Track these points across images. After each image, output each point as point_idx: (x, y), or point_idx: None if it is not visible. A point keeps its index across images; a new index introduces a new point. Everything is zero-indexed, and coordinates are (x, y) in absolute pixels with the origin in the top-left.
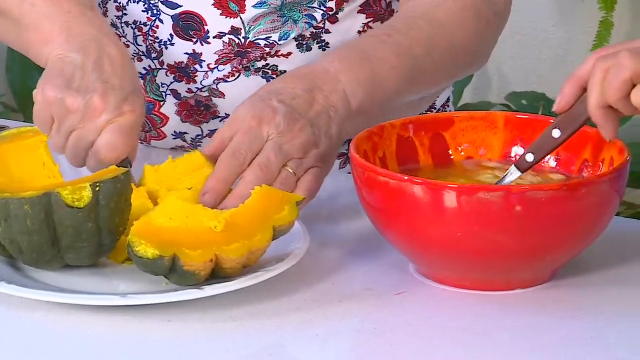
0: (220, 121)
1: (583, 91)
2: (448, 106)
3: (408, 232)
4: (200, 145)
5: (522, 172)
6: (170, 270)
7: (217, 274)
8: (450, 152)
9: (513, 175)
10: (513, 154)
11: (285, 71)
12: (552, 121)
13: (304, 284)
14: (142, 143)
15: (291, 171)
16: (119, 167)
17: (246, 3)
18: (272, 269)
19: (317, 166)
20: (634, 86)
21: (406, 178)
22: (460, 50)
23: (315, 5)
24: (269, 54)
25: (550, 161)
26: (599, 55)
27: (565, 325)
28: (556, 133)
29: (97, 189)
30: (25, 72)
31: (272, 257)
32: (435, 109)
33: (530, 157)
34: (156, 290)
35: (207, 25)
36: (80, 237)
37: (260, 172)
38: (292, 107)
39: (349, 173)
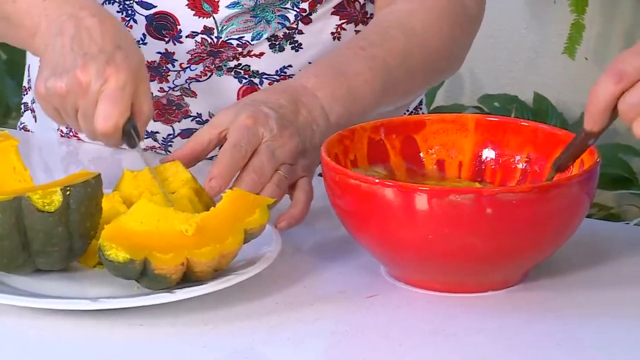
0: (192, 120)
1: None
2: (421, 108)
3: (379, 234)
4: (171, 145)
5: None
6: (141, 274)
7: (188, 278)
8: (421, 154)
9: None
10: (484, 157)
11: (258, 71)
12: (524, 123)
13: (276, 287)
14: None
15: (283, 175)
16: (125, 131)
17: (219, 3)
18: (244, 272)
19: (305, 175)
20: None
21: (377, 181)
22: (435, 58)
23: (288, 6)
24: (241, 53)
25: (520, 163)
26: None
27: (536, 327)
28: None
29: (68, 192)
30: None
31: (243, 260)
32: (408, 111)
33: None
34: (127, 294)
35: (180, 24)
36: (50, 241)
37: (255, 175)
38: (280, 114)
39: (320, 175)
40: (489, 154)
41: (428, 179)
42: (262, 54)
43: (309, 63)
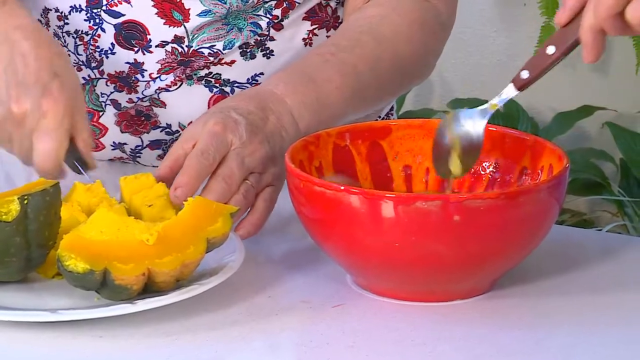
0: (161, 131)
1: (583, 5)
2: (392, 114)
3: (345, 242)
4: (139, 156)
5: (519, 89)
6: (102, 285)
7: (149, 288)
8: (388, 160)
9: (510, 92)
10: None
11: (229, 79)
12: (492, 129)
13: (239, 297)
14: None
15: (250, 184)
16: (68, 162)
17: (190, 12)
18: (206, 282)
19: (273, 184)
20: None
21: (342, 188)
22: (406, 64)
23: (261, 13)
24: (212, 62)
25: (490, 167)
26: None
27: (505, 336)
28: (550, 49)
29: (25, 201)
30: None
31: (206, 270)
32: (380, 117)
33: (525, 74)
34: (87, 305)
35: (149, 34)
36: (8, 251)
37: (224, 183)
38: (250, 121)
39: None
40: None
41: (395, 186)
42: (233, 62)
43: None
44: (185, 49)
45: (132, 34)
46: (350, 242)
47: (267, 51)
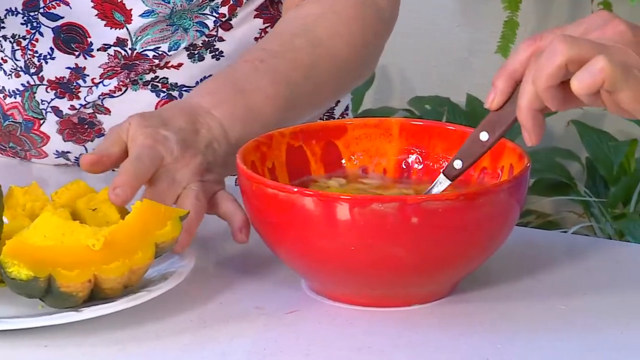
0: None
1: (517, 85)
2: (347, 114)
3: (299, 246)
4: None
5: (452, 180)
6: (46, 292)
7: (96, 295)
8: (344, 161)
9: (442, 184)
10: (409, 163)
11: (176, 83)
12: (451, 127)
13: (189, 304)
14: (22, 159)
15: (197, 188)
16: None
17: (132, 12)
18: (155, 289)
19: (221, 188)
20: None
21: (296, 190)
22: (344, 67)
23: (207, 11)
24: (157, 65)
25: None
26: (530, 44)
27: (465, 342)
28: (484, 136)
29: None
30: None
31: (155, 276)
32: (334, 118)
33: (458, 164)
34: (31, 314)
35: (90, 37)
36: None
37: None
38: (181, 137)
39: (237, 185)
40: (414, 160)
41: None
42: (180, 64)
43: None
44: (129, 51)
45: (71, 37)
46: (305, 246)
47: (216, 52)
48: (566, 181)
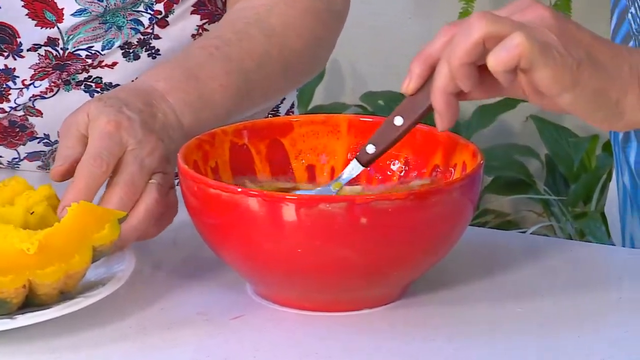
0: (39, 142)
1: (433, 70)
2: (293, 112)
3: (244, 249)
4: (18, 167)
5: (364, 165)
6: None
7: (31, 302)
8: (290, 159)
9: (354, 170)
10: None
11: (111, 83)
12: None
13: (129, 309)
14: None
15: (158, 182)
16: None
17: (64, 11)
18: (93, 295)
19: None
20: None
21: (240, 190)
22: (296, 60)
23: (142, 8)
24: (91, 65)
25: (399, 166)
26: (449, 29)
27: (417, 347)
28: (398, 120)
29: None
30: None
31: (92, 281)
32: (279, 115)
33: (371, 149)
34: None
35: (19, 37)
36: None
37: (125, 191)
38: (143, 119)
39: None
40: None
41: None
42: (114, 64)
43: None
44: (60, 51)
45: (0, 38)
46: (250, 249)
47: (153, 51)
48: (525, 179)
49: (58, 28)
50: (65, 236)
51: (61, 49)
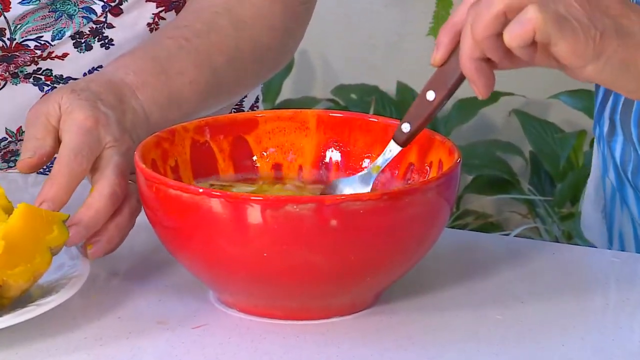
0: None
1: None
2: (257, 107)
3: (206, 254)
4: None
5: (402, 145)
6: None
7: None
8: (255, 158)
9: (393, 151)
10: (327, 159)
11: (62, 75)
12: (373, 119)
13: (84, 318)
14: None
15: (134, 183)
16: None
17: None
18: (45, 302)
19: None
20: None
21: (201, 190)
22: (265, 54)
23: None
24: (40, 56)
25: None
26: None
27: (391, 357)
28: (430, 95)
29: None
30: None
31: (44, 287)
32: (243, 110)
33: (406, 127)
34: None
35: None
36: None
37: (112, 190)
38: (116, 116)
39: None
40: (333, 155)
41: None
42: (65, 55)
43: None
44: (7, 42)
45: None
46: (212, 253)
47: (106, 41)
48: (508, 178)
49: (4, 17)
50: (23, 238)
51: (8, 39)
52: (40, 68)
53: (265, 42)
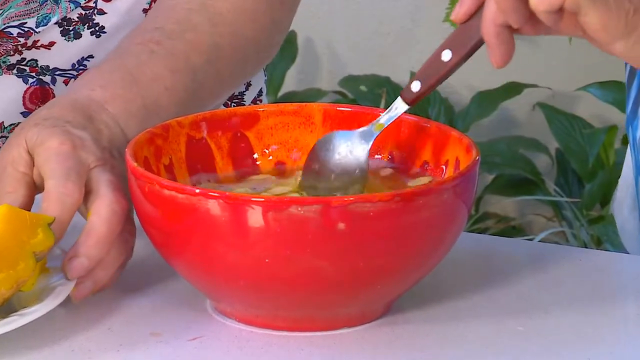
0: None
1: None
2: (260, 100)
3: (203, 259)
4: None
5: (410, 104)
6: None
7: None
8: (256, 155)
9: (399, 108)
10: None
11: (48, 66)
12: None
13: (72, 329)
14: None
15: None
16: None
17: None
18: (29, 313)
19: None
20: None
21: (198, 191)
22: (249, 50)
23: None
24: (24, 45)
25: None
26: None
27: None
28: (446, 55)
29: None
30: None
31: (29, 296)
32: (244, 104)
33: (416, 86)
34: None
35: None
36: None
37: (117, 211)
38: (93, 136)
39: None
40: None
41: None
42: (52, 43)
43: None
44: None
45: None
46: (210, 259)
47: (96, 28)
48: (532, 177)
49: None
50: (4, 241)
51: None
52: (25, 58)
53: (247, 37)
